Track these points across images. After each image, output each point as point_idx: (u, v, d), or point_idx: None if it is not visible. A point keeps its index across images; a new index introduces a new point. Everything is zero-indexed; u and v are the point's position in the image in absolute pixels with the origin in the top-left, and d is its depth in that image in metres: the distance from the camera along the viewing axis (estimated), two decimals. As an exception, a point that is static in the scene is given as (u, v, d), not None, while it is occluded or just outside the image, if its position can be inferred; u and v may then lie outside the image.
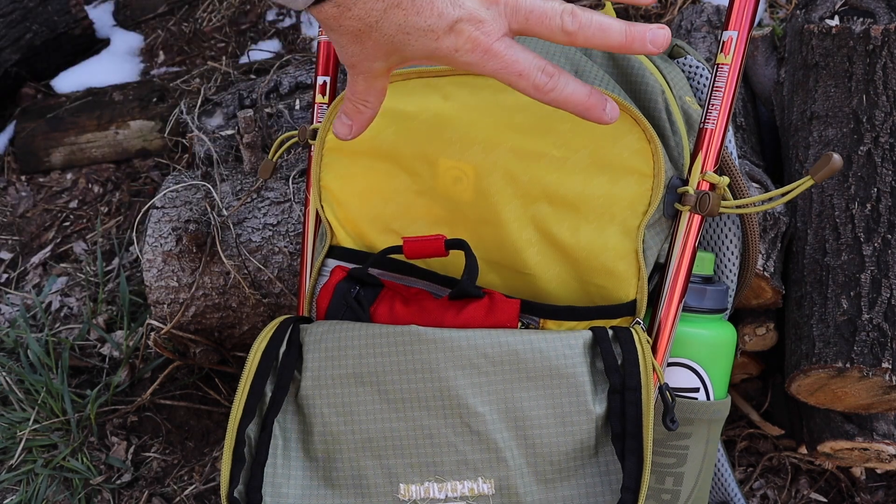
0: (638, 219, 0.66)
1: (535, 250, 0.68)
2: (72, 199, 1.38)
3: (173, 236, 0.97)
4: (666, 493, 0.73)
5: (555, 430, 0.61)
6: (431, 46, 0.54)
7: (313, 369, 0.63)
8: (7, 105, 1.50)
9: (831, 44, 0.94)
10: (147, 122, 1.39)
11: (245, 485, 0.61)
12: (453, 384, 0.61)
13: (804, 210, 0.92)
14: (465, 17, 0.52)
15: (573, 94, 0.56)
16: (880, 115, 0.91)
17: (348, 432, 0.62)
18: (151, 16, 1.62)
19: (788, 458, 1.03)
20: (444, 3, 0.52)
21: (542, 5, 0.54)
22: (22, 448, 1.09)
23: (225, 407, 1.12)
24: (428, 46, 0.54)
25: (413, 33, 0.53)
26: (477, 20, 0.53)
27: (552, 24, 0.54)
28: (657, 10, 1.38)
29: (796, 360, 0.87)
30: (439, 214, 0.70)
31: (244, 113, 0.99)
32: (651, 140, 0.65)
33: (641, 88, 0.71)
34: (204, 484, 1.07)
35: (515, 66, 0.54)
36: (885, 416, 0.91)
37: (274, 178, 0.99)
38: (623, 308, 0.67)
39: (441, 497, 0.61)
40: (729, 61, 0.66)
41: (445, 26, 0.52)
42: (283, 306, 0.98)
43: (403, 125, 0.70)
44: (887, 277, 0.85)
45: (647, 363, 0.62)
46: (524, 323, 0.68)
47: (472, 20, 0.53)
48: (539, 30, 0.54)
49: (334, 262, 0.74)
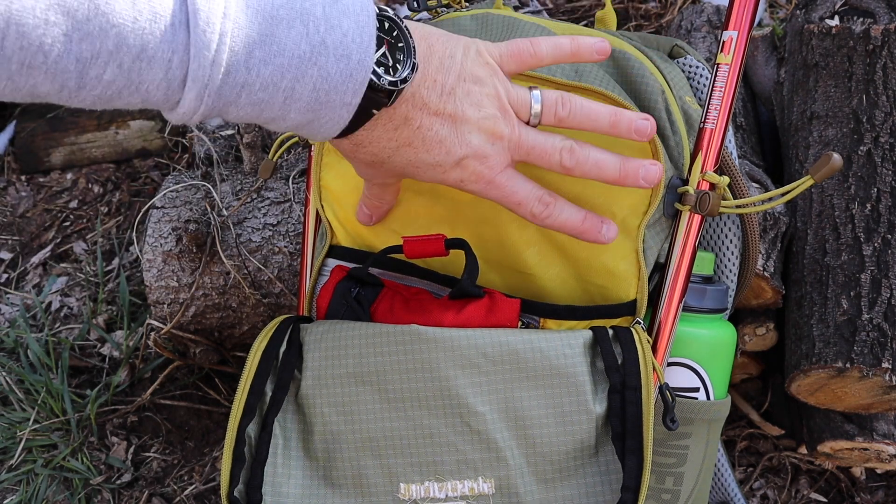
0: (638, 218, 0.66)
1: (535, 250, 0.68)
2: (72, 199, 1.38)
3: (173, 236, 0.97)
4: (666, 492, 0.73)
5: (555, 430, 0.61)
6: (439, 178, 0.57)
7: (314, 369, 0.63)
8: (7, 105, 1.50)
9: (831, 44, 0.94)
10: (147, 122, 1.39)
11: (245, 484, 0.61)
12: (453, 383, 0.61)
13: (804, 210, 0.92)
14: (471, 153, 0.56)
15: (568, 221, 0.61)
16: (880, 115, 0.91)
17: (348, 432, 0.62)
18: (151, 16, 1.62)
19: (788, 458, 1.03)
20: (452, 141, 0.55)
21: (544, 142, 0.58)
22: (22, 448, 1.09)
23: (225, 407, 1.12)
24: (436, 177, 0.58)
25: (422, 167, 0.57)
26: (482, 156, 0.56)
27: (551, 159, 0.58)
28: (657, 9, 1.38)
29: (796, 360, 0.87)
30: (439, 214, 0.70)
31: (244, 113, 0.99)
32: (651, 140, 0.65)
33: (641, 88, 0.71)
34: (204, 484, 1.07)
35: (515, 196, 0.59)
36: (885, 416, 0.91)
37: (274, 178, 0.99)
38: (623, 308, 0.67)
39: (441, 496, 0.61)
40: (729, 61, 0.66)
41: (453, 162, 0.56)
42: (283, 306, 0.98)
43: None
44: (887, 277, 0.85)
45: (647, 363, 0.62)
46: (524, 322, 0.68)
47: (476, 156, 0.56)
48: (539, 163, 0.59)
49: (334, 261, 0.74)
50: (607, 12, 0.85)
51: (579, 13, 1.40)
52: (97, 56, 0.42)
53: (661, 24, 1.36)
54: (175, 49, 0.44)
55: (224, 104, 0.47)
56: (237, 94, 0.47)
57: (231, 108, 0.48)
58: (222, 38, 0.45)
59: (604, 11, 0.85)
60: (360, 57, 0.49)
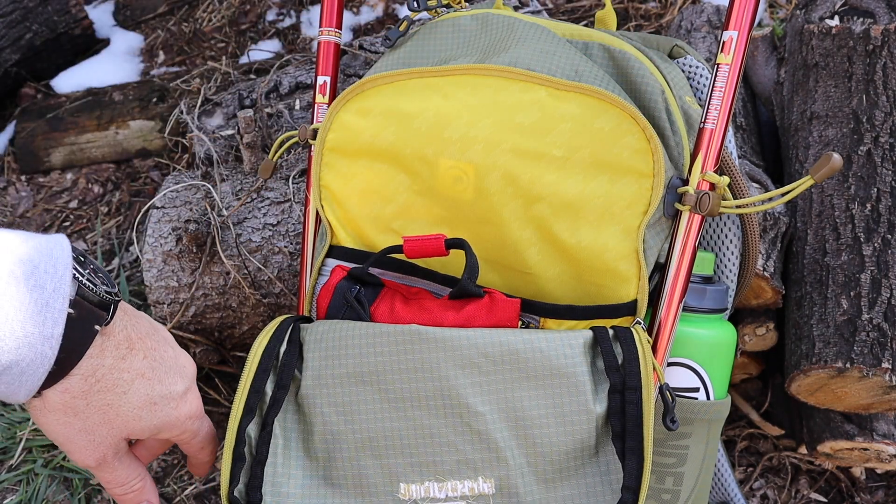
0: (638, 218, 0.66)
1: (535, 250, 0.68)
2: (72, 199, 1.38)
3: (173, 236, 0.97)
4: (666, 492, 0.73)
5: (555, 430, 0.61)
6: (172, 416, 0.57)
7: (314, 368, 0.63)
8: (7, 105, 1.50)
9: (831, 44, 0.95)
10: (147, 122, 1.39)
11: (245, 484, 0.61)
12: (454, 383, 0.61)
13: (804, 210, 0.92)
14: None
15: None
16: (880, 115, 0.91)
17: (349, 431, 0.62)
18: (151, 16, 1.62)
19: (788, 458, 1.03)
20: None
21: None
22: (22, 448, 1.09)
23: (225, 407, 1.12)
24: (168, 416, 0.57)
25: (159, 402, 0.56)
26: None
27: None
28: (657, 9, 1.39)
29: (796, 360, 0.87)
30: (439, 214, 0.70)
31: (244, 113, 0.99)
32: (651, 140, 0.65)
33: (641, 88, 0.71)
34: (204, 484, 1.07)
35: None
36: (885, 416, 0.91)
37: (274, 178, 0.99)
38: (623, 308, 0.67)
39: (441, 496, 0.61)
40: (729, 61, 0.66)
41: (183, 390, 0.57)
42: (283, 306, 0.98)
43: (403, 125, 0.70)
44: (887, 277, 0.85)
45: (647, 363, 0.62)
46: (524, 322, 0.68)
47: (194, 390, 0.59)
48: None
49: (334, 261, 0.74)
50: (607, 12, 0.85)
51: (579, 13, 1.40)
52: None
53: (661, 24, 1.36)
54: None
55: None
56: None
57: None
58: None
59: (604, 11, 0.85)
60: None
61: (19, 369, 0.46)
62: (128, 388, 0.53)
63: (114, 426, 0.54)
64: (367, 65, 1.09)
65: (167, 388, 0.55)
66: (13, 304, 0.45)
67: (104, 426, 0.54)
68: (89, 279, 0.49)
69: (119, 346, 0.52)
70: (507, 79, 0.68)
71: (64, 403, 0.51)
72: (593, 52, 0.74)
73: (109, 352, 0.52)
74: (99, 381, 0.52)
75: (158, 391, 0.55)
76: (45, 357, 0.47)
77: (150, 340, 0.55)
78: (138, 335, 0.54)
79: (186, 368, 0.58)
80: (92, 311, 0.49)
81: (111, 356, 0.52)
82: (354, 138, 0.72)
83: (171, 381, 0.56)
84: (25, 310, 0.45)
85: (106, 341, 0.51)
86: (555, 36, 0.72)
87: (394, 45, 0.78)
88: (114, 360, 0.52)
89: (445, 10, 0.80)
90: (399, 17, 1.48)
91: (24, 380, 0.47)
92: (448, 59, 0.74)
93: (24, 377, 0.47)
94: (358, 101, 0.73)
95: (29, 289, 0.45)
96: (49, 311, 0.46)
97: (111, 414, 0.53)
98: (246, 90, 1.16)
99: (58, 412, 0.52)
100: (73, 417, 0.52)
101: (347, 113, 0.73)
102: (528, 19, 0.74)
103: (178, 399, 0.56)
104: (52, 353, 0.47)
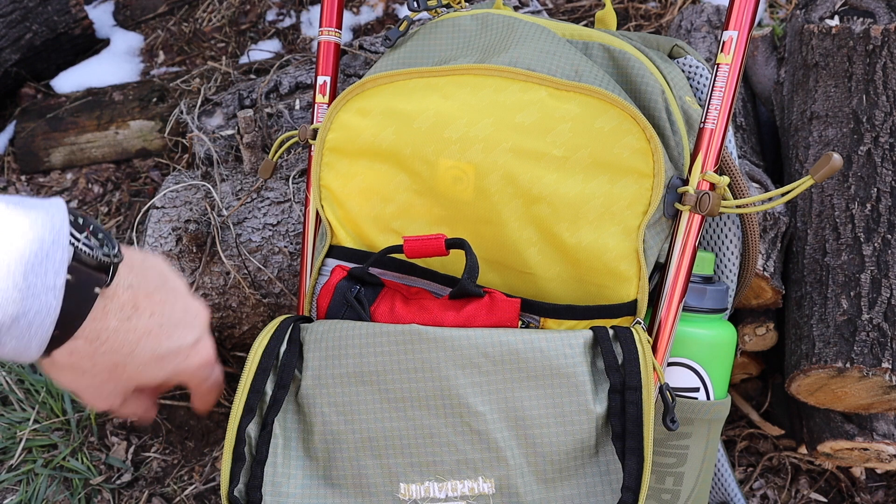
0: (638, 218, 0.66)
1: (535, 250, 0.68)
2: (72, 199, 1.38)
3: (173, 236, 0.97)
4: (666, 492, 0.73)
5: (555, 430, 0.61)
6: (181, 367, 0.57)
7: (314, 368, 0.63)
8: (7, 105, 1.50)
9: (831, 44, 0.95)
10: (147, 122, 1.39)
11: (245, 484, 0.61)
12: (454, 383, 0.61)
13: (804, 210, 0.92)
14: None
15: None
16: (880, 115, 0.91)
17: (349, 431, 0.62)
18: (151, 16, 1.62)
19: (788, 458, 1.03)
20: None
21: None
22: (22, 448, 1.09)
23: (225, 407, 1.12)
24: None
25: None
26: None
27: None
28: (657, 9, 1.39)
29: (796, 360, 0.87)
30: (439, 214, 0.70)
31: (244, 113, 0.99)
32: (651, 140, 0.65)
33: (641, 88, 0.71)
34: (204, 484, 1.07)
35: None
36: (885, 416, 0.91)
37: (274, 178, 0.99)
38: (623, 308, 0.67)
39: (441, 496, 0.61)
40: (729, 61, 0.66)
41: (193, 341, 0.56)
42: (283, 306, 0.98)
43: (403, 125, 0.70)
44: (887, 277, 0.85)
45: (647, 363, 0.62)
46: (524, 322, 0.68)
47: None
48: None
49: (334, 261, 0.74)
50: (607, 12, 0.85)
51: (579, 13, 1.40)
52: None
53: (661, 24, 1.36)
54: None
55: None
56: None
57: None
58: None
59: (604, 11, 0.85)
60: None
61: (27, 321, 0.46)
62: (134, 348, 0.53)
63: (121, 381, 0.55)
64: (367, 65, 1.09)
65: (176, 343, 0.55)
66: (13, 256, 0.45)
67: (112, 382, 0.55)
68: (85, 243, 0.49)
69: (124, 308, 0.52)
70: (508, 79, 0.68)
71: (71, 364, 0.52)
72: (593, 52, 0.74)
73: (113, 314, 0.51)
74: (104, 343, 0.51)
75: (167, 346, 0.54)
76: (50, 307, 0.47)
77: (159, 295, 0.54)
78: (146, 292, 0.53)
79: (198, 318, 0.57)
80: (90, 274, 0.49)
81: (115, 318, 0.51)
82: (354, 138, 0.72)
83: (180, 335, 0.55)
84: (27, 262, 0.45)
85: (109, 303, 0.51)
86: (555, 36, 0.72)
87: (394, 45, 0.78)
88: (118, 322, 0.52)
89: (445, 9, 0.80)
90: (399, 17, 1.48)
91: (34, 332, 0.47)
92: (448, 59, 0.74)
93: (33, 329, 0.47)
94: (358, 100, 0.73)
95: (28, 241, 0.45)
96: (50, 262, 0.46)
97: (118, 372, 0.54)
98: (246, 90, 1.16)
99: (66, 371, 0.53)
100: (80, 376, 0.53)
101: (347, 113, 0.73)
102: (528, 19, 0.74)
103: (187, 350, 0.56)
104: (57, 304, 0.47)
